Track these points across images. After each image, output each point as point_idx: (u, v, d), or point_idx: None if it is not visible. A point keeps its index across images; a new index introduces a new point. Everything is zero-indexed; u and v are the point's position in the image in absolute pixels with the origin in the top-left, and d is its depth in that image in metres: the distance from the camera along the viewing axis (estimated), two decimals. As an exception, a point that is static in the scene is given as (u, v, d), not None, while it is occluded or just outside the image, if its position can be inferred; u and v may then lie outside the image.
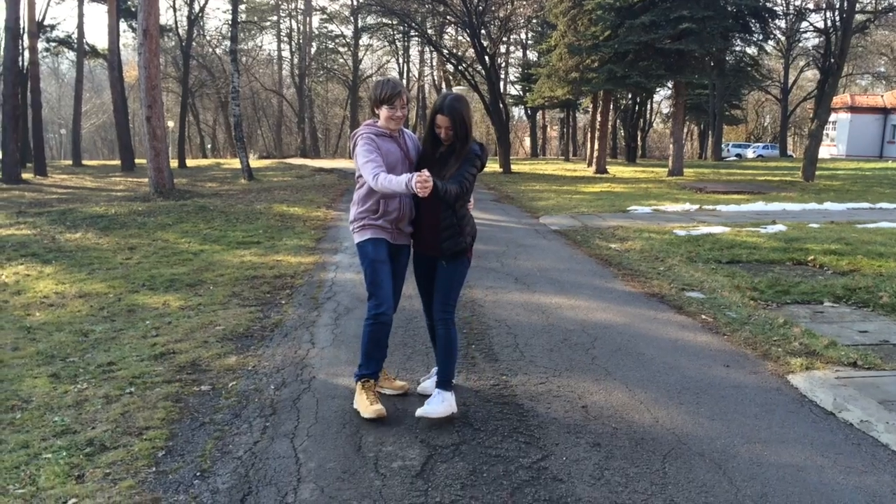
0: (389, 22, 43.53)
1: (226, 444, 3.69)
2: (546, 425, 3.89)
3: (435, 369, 4.21)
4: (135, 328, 5.87)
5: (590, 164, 31.27)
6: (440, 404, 3.89)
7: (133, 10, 32.16)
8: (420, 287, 4.26)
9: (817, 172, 23.70)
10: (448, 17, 37.65)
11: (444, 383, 3.97)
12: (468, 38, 34.67)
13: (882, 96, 51.51)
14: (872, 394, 4.29)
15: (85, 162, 38.50)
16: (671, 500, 3.13)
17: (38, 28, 28.95)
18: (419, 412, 3.86)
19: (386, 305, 3.96)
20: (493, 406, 4.15)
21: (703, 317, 6.12)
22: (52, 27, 32.70)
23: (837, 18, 22.55)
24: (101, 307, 6.58)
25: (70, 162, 37.38)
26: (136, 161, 32.45)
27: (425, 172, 3.56)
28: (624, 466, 3.43)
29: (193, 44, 39.60)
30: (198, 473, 3.38)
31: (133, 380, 4.61)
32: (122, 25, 32.75)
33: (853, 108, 49.15)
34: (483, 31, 34.42)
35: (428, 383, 4.27)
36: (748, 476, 3.34)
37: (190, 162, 39.87)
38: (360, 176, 3.99)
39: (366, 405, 3.91)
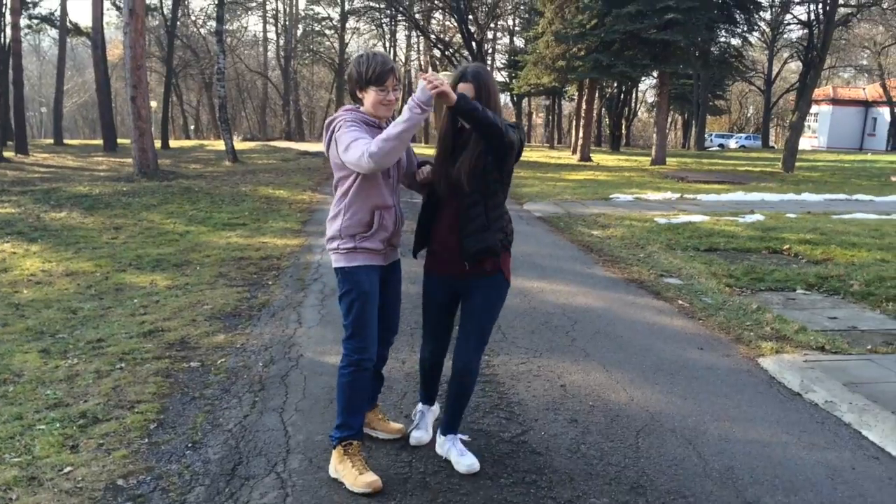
0: (377, 5, 43.44)
1: (216, 417, 3.81)
2: (526, 402, 4.05)
3: (420, 411, 3.62)
4: (123, 306, 5.96)
5: (574, 152, 31.46)
6: (466, 453, 3.29)
7: (117, -12, 31.86)
8: (429, 321, 3.43)
9: (797, 164, 24.01)
10: (436, 2, 37.63)
11: (452, 427, 3.35)
12: (456, 24, 34.72)
13: (864, 89, 52.13)
14: (838, 376, 4.48)
15: (66, 141, 38.13)
16: (643, 472, 3.29)
17: (21, 4, 28.57)
18: (466, 469, 3.23)
19: (371, 350, 3.22)
20: (476, 384, 4.28)
21: (680, 302, 6.31)
22: (35, 4, 32.22)
23: (821, 11, 22.80)
24: (89, 285, 6.66)
25: (51, 141, 36.98)
26: (119, 141, 32.19)
27: (429, 74, 2.83)
28: (599, 441, 3.60)
29: (178, 23, 39.23)
30: (189, 445, 3.50)
31: (123, 356, 4.71)
32: (106, 3, 32.37)
33: (835, 101, 49.75)
34: (470, 17, 34.45)
35: (419, 433, 3.54)
36: (716, 451, 3.51)
37: (173, 143, 39.59)
38: (342, 177, 3.17)
39: (354, 476, 3.09)
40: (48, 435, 3.56)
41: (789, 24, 42.42)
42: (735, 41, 27.48)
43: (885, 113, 47.05)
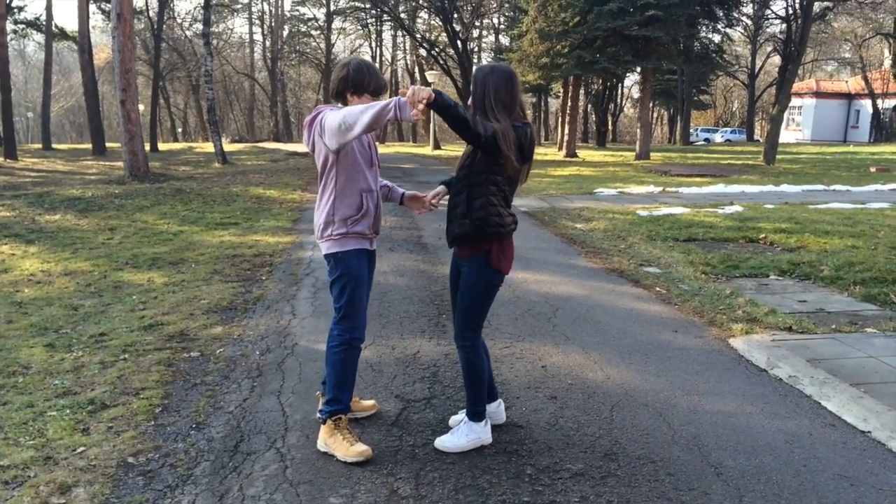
0: (362, 5, 43.62)
1: (217, 401, 4.06)
2: (509, 382, 4.31)
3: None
4: (122, 302, 6.18)
5: (560, 148, 31.76)
6: (463, 437, 3.46)
7: (103, -8, 31.86)
8: (452, 300, 3.65)
9: (779, 156, 24.39)
10: (421, 2, 37.87)
11: (470, 414, 3.50)
12: (441, 23, 34.97)
13: (846, 82, 52.73)
14: (802, 353, 4.77)
15: (54, 145, 38.10)
16: (616, 441, 3.56)
17: (6, 10, 28.61)
18: (437, 442, 3.50)
19: (362, 330, 3.51)
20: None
21: (658, 289, 6.59)
22: (20, 9, 32.21)
23: (798, 6, 23.19)
24: (88, 284, 6.87)
25: (40, 146, 36.96)
26: (108, 145, 32.29)
27: (413, 89, 2.90)
28: (576, 415, 3.87)
29: (164, 26, 39.31)
30: (194, 426, 3.74)
31: (126, 348, 4.94)
32: (92, 7, 32.38)
33: (818, 94, 50.29)
34: (455, 16, 34.69)
35: (457, 416, 3.74)
36: (685, 421, 3.79)
37: (162, 146, 39.67)
38: (331, 166, 3.36)
39: (346, 447, 3.34)
40: (59, 420, 3.79)
41: (769, 18, 42.85)
42: (716, 37, 27.89)
43: (867, 105, 47.59)
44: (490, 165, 3.27)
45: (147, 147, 26.85)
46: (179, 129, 62.54)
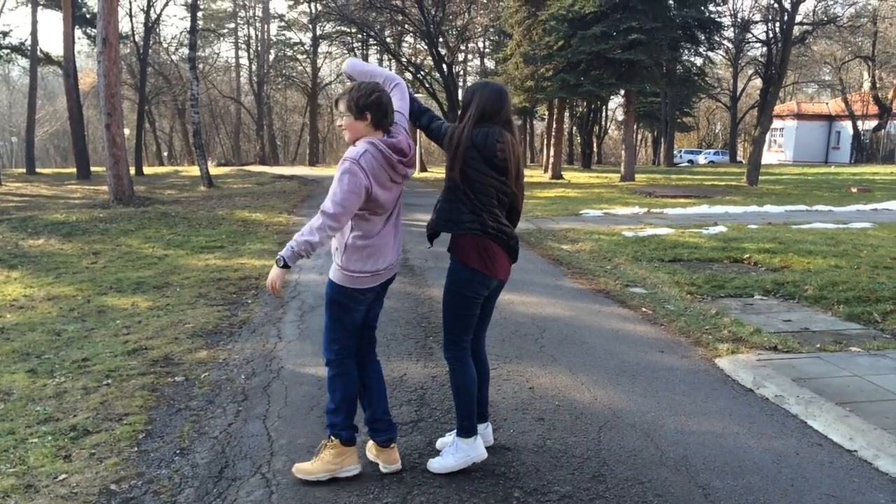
0: (348, 30, 43.90)
1: (202, 426, 4.01)
2: (496, 404, 4.29)
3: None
4: (106, 327, 6.13)
5: (546, 170, 31.93)
6: (450, 457, 3.46)
7: (88, 17, 31.88)
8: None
9: (762, 177, 24.63)
10: (406, 26, 38.18)
11: (458, 430, 3.49)
12: (426, 47, 35.25)
13: (827, 104, 53.46)
14: (788, 373, 4.78)
15: (39, 170, 37.88)
16: (604, 462, 3.55)
17: (-9, 35, 28.58)
18: (428, 465, 3.50)
19: None
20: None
21: (644, 309, 6.61)
22: (6, 34, 32.12)
23: (778, 30, 23.57)
24: (71, 308, 6.81)
25: (23, 170, 36.76)
26: (92, 169, 32.16)
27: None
28: (564, 436, 3.85)
29: (150, 51, 39.38)
30: (177, 451, 3.70)
31: (109, 373, 4.88)
32: (77, 32, 32.37)
33: (799, 116, 50.97)
34: (441, 40, 34.98)
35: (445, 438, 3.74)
36: (673, 442, 3.78)
37: (147, 170, 39.54)
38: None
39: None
40: (41, 447, 3.74)
41: (749, 42, 43.51)
42: (698, 60, 28.24)
43: (848, 126, 48.26)
44: (449, 164, 3.36)
45: (132, 171, 26.78)
46: (165, 153, 62.39)
